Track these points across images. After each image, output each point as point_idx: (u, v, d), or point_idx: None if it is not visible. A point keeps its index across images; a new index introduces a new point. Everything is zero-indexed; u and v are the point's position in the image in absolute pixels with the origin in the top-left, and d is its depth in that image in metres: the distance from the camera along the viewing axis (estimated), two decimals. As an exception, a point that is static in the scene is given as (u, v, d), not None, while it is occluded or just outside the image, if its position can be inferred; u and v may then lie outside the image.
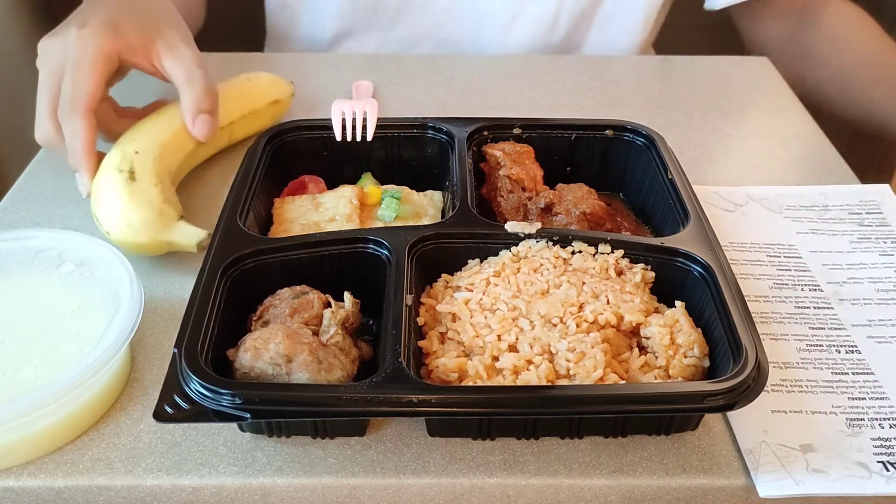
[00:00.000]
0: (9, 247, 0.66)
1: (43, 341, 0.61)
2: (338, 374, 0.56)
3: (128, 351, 0.63)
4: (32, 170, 0.88)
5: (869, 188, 0.84)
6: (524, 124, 0.80)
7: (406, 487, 0.56)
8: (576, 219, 0.71)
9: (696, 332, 0.59)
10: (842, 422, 0.59)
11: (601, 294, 0.61)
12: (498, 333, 0.58)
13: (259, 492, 0.56)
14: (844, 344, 0.66)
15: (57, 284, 0.65)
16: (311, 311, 0.60)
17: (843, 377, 0.63)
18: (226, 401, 0.51)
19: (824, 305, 0.70)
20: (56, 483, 0.55)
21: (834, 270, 0.74)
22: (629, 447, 0.58)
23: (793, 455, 0.57)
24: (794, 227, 0.79)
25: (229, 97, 0.87)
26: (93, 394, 0.58)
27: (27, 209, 0.81)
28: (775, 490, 0.55)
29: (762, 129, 0.95)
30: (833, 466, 0.56)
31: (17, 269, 0.66)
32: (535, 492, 0.56)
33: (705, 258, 0.63)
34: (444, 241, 0.66)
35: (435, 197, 0.77)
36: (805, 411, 0.60)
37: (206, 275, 0.60)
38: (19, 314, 0.64)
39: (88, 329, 0.61)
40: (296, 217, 0.72)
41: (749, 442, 0.58)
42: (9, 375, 0.58)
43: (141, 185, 0.72)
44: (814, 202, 0.83)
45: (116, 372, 0.61)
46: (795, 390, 0.62)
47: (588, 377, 0.55)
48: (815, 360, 0.64)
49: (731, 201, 0.83)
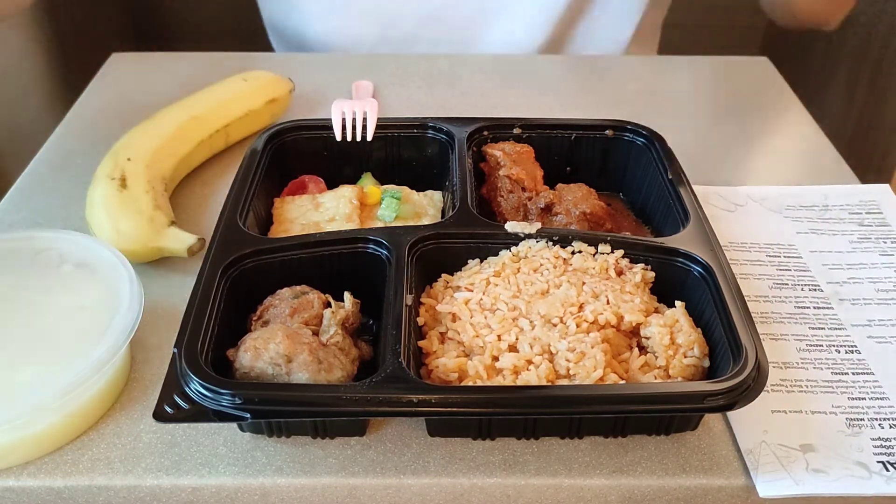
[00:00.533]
0: (8, 247, 0.66)
1: (43, 341, 0.61)
2: (338, 374, 0.56)
3: (128, 350, 0.63)
4: (32, 169, 0.88)
5: (869, 188, 0.84)
6: (524, 124, 0.80)
7: (406, 487, 0.56)
8: (576, 219, 0.71)
9: (696, 332, 0.59)
10: (842, 422, 0.59)
11: (601, 294, 0.61)
12: (498, 333, 0.58)
13: (259, 492, 0.56)
14: (844, 344, 0.66)
15: (57, 284, 0.65)
16: (311, 311, 0.60)
17: (843, 377, 0.63)
18: (226, 401, 0.51)
19: (824, 305, 0.70)
20: (56, 483, 0.55)
21: (834, 270, 0.74)
22: (629, 447, 0.58)
23: (793, 455, 0.57)
24: (795, 227, 0.79)
25: (225, 98, 0.88)
26: (93, 394, 0.58)
27: (27, 209, 0.81)
28: (775, 490, 0.55)
29: (762, 128, 0.95)
30: (833, 466, 0.56)
31: (17, 269, 0.66)
32: (534, 492, 0.56)
33: (705, 258, 0.63)
34: (444, 241, 0.66)
35: (435, 197, 0.77)
36: (805, 411, 0.60)
37: (206, 275, 0.60)
38: (19, 314, 0.63)
39: (89, 329, 0.61)
40: (296, 217, 0.72)
41: (749, 442, 0.58)
42: (9, 375, 0.58)
43: (132, 192, 0.73)
44: (814, 202, 0.83)
45: (117, 372, 0.61)
46: (795, 390, 0.62)
47: (588, 377, 0.55)
48: (814, 360, 0.64)
49: (732, 201, 0.83)
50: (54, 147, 0.91)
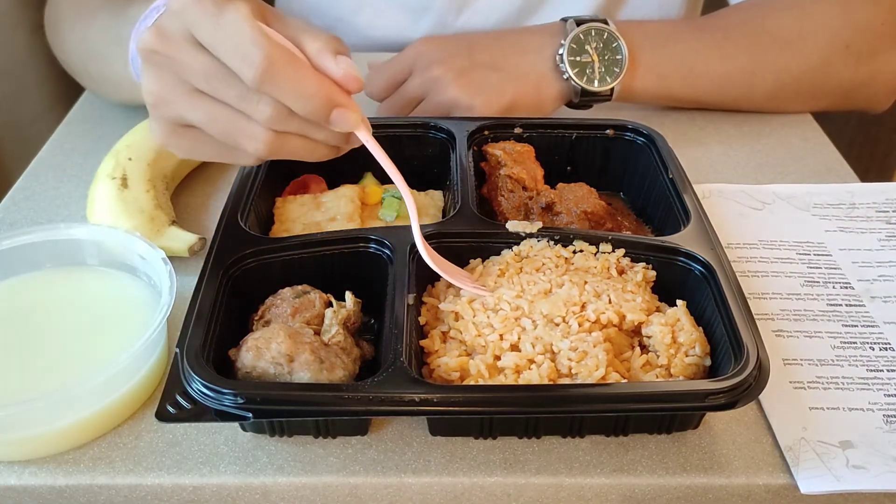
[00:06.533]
0: (42, 238, 0.67)
1: (79, 337, 0.62)
2: (339, 373, 0.56)
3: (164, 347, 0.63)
4: (34, 168, 0.88)
5: (894, 186, 0.84)
6: (525, 124, 0.80)
7: (407, 486, 0.56)
8: (577, 218, 0.71)
9: (698, 331, 0.59)
10: (879, 418, 0.60)
11: (603, 293, 0.61)
12: (500, 333, 0.58)
13: (260, 491, 0.56)
14: (878, 341, 0.66)
15: (93, 280, 0.66)
16: (313, 310, 0.60)
17: (878, 374, 0.63)
18: (228, 400, 0.51)
19: (856, 303, 0.70)
20: (57, 482, 0.56)
21: (864, 268, 0.74)
22: (630, 446, 0.58)
23: (832, 452, 0.57)
24: (823, 225, 0.80)
25: None
26: (129, 388, 0.59)
27: (28, 208, 0.81)
28: (817, 486, 0.55)
29: (762, 128, 0.95)
30: (873, 462, 0.56)
31: (50, 264, 0.67)
32: (535, 491, 0.56)
33: (706, 257, 0.63)
34: (445, 241, 0.66)
35: (436, 196, 0.77)
36: (842, 408, 0.60)
37: (207, 274, 0.60)
38: (55, 311, 0.65)
39: (128, 326, 0.62)
40: (297, 217, 0.72)
41: (788, 439, 0.58)
42: (44, 372, 0.59)
43: (133, 191, 0.73)
44: (840, 200, 0.83)
45: (151, 369, 0.61)
46: (832, 387, 0.62)
47: (590, 376, 0.55)
48: (849, 357, 0.65)
49: (759, 199, 0.83)
50: (55, 146, 0.91)
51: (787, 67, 0.92)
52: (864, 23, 0.92)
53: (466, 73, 0.86)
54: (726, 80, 0.93)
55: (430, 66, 0.87)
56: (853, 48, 0.92)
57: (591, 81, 0.88)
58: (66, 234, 0.67)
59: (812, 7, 0.93)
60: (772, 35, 0.92)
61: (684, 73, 0.92)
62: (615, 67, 0.88)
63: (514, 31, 0.94)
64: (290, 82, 0.52)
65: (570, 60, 0.87)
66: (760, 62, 0.92)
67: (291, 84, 0.52)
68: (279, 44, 0.53)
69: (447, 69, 0.86)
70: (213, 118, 0.55)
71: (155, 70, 0.56)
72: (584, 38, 0.87)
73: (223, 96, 0.54)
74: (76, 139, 0.92)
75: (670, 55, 0.91)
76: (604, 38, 0.88)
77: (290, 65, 0.52)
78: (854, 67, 0.93)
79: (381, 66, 0.91)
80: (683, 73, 0.92)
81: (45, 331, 0.63)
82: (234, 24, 0.52)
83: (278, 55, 0.52)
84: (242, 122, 0.54)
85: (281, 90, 0.52)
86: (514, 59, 0.88)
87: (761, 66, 0.92)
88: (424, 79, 0.86)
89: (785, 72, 0.93)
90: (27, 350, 0.61)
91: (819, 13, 0.93)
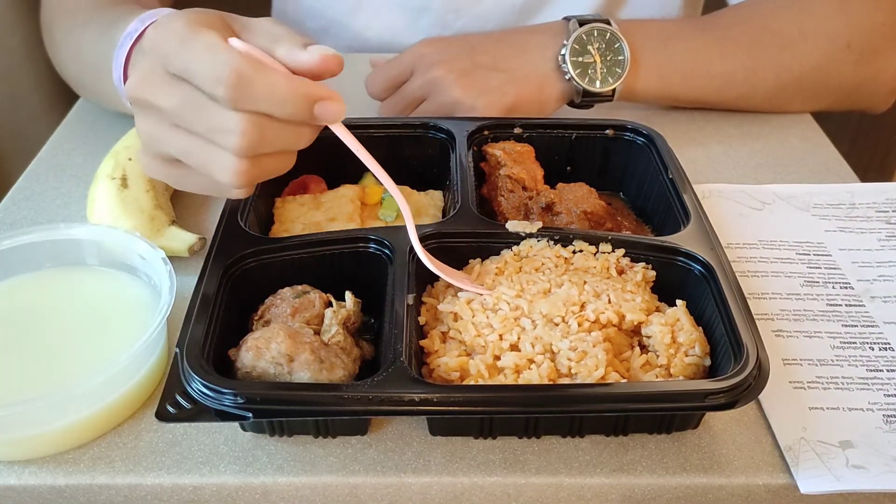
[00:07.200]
0: (42, 238, 0.67)
1: (79, 337, 0.62)
2: (339, 373, 0.56)
3: (164, 346, 0.63)
4: (34, 168, 0.88)
5: (894, 186, 0.85)
6: (524, 124, 0.80)
7: (407, 486, 0.56)
8: (576, 218, 0.71)
9: (697, 331, 0.59)
10: (879, 418, 0.60)
11: (602, 293, 0.61)
12: (500, 333, 0.58)
13: (260, 490, 0.56)
14: (878, 341, 0.66)
15: (93, 280, 0.66)
16: (313, 310, 0.60)
17: (878, 374, 0.63)
18: (228, 400, 0.51)
19: (856, 303, 0.70)
20: (57, 481, 0.56)
21: (864, 268, 0.74)
22: (630, 446, 0.58)
23: (832, 452, 0.57)
24: (822, 225, 0.80)
25: None
26: (129, 388, 0.59)
27: (28, 208, 0.81)
28: (816, 486, 0.55)
29: (762, 128, 0.95)
30: (873, 462, 0.56)
31: (50, 263, 0.67)
32: (535, 490, 0.56)
33: (706, 257, 0.63)
34: (445, 241, 0.66)
35: (436, 196, 0.77)
36: (842, 408, 0.60)
37: (207, 274, 0.60)
38: (55, 310, 0.65)
39: (128, 326, 0.62)
40: (297, 217, 0.72)
41: (788, 439, 0.58)
42: (44, 371, 0.59)
43: (133, 191, 0.73)
44: (840, 200, 0.83)
45: (151, 369, 0.61)
46: (832, 387, 0.62)
47: (589, 376, 0.55)
48: (849, 357, 0.65)
49: (758, 199, 0.83)
50: (55, 147, 0.91)
51: (788, 67, 0.92)
52: (865, 22, 0.92)
53: (468, 74, 0.86)
54: (727, 79, 0.93)
55: (432, 66, 0.87)
56: (854, 48, 0.92)
57: (593, 82, 0.88)
58: (66, 234, 0.67)
59: (813, 6, 0.93)
60: (773, 34, 0.92)
61: (685, 73, 0.92)
62: (617, 68, 0.88)
63: (515, 32, 0.94)
64: (264, 89, 0.52)
65: (572, 61, 0.87)
66: (761, 62, 0.92)
67: (265, 90, 0.52)
68: (246, 54, 0.53)
69: (449, 70, 0.86)
70: (188, 151, 0.55)
71: (143, 112, 0.56)
72: (586, 38, 0.87)
73: (195, 128, 0.54)
74: (76, 139, 0.92)
75: (672, 55, 0.91)
76: (606, 38, 0.88)
77: (259, 72, 0.52)
78: (855, 67, 0.93)
79: (383, 65, 0.91)
80: (685, 73, 0.92)
81: (44, 331, 0.63)
82: (198, 47, 0.52)
83: (245, 65, 0.51)
84: (215, 153, 0.54)
85: (256, 100, 0.52)
86: (516, 59, 0.88)
87: (762, 65, 0.92)
88: (426, 80, 0.86)
89: (786, 71, 0.93)
90: (27, 350, 0.61)
91: (820, 13, 0.93)
